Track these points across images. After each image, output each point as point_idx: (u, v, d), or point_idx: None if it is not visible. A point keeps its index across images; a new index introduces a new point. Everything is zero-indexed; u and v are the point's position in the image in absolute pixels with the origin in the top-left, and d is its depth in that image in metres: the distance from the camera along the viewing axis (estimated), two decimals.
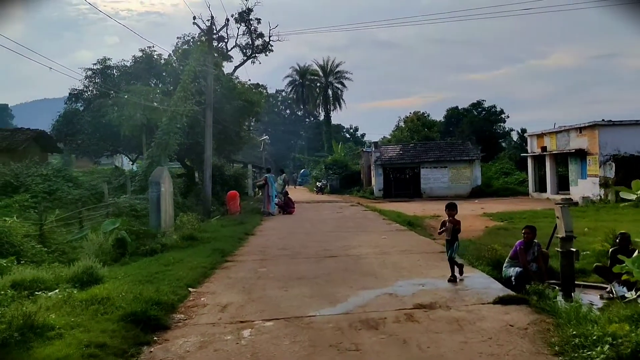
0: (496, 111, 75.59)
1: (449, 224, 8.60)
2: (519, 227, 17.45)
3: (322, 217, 20.92)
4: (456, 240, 8.55)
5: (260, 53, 48.01)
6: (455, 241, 8.52)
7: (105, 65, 28.69)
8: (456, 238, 8.56)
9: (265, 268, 10.02)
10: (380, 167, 40.95)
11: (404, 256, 10.64)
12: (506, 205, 28.76)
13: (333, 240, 13.55)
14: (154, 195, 16.11)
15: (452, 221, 8.61)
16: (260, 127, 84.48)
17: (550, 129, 33.88)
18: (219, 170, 31.62)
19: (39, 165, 24.31)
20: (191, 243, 13.07)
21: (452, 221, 8.61)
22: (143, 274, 9.37)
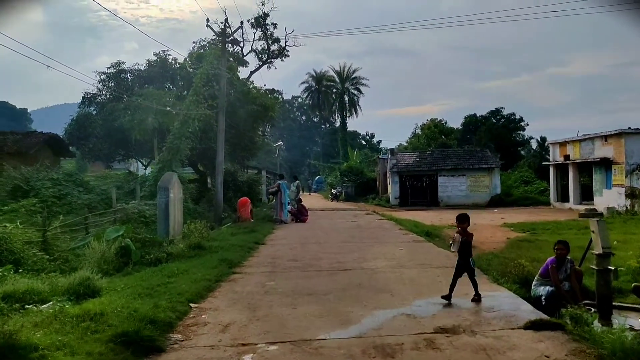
0: (515, 119, 74.47)
1: (457, 234, 7.91)
2: (543, 239, 16.80)
3: (336, 226, 20.23)
4: (470, 257, 7.79)
5: (276, 58, 47.62)
6: (468, 257, 7.77)
7: (119, 69, 28.42)
8: (469, 253, 7.81)
9: (273, 281, 9.38)
10: (396, 174, 40.21)
11: (422, 270, 9.94)
12: (527, 215, 27.86)
13: (347, 251, 12.88)
14: (162, 201, 15.58)
15: (463, 235, 7.85)
16: (276, 133, 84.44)
17: (574, 137, 32.88)
18: (232, 176, 31.11)
19: (50, 169, 23.99)
20: (198, 252, 12.48)
21: (463, 235, 7.85)
22: (144, 286, 8.79)
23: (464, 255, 7.73)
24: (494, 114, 75.45)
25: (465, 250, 7.71)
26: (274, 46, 47.20)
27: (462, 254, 7.75)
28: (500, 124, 71.69)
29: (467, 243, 7.77)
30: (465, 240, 7.76)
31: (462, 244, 7.74)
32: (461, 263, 7.74)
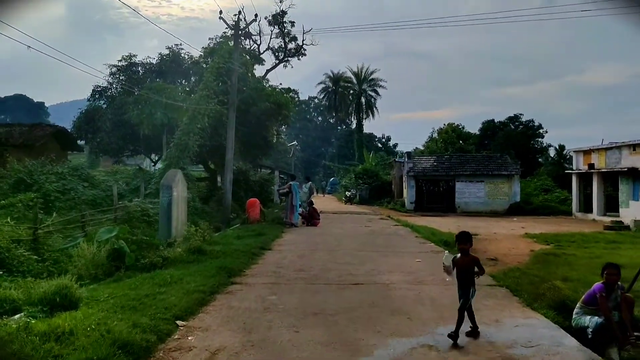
0: (534, 125, 72.91)
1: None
2: (570, 254, 15.55)
3: (348, 232, 19.14)
4: (472, 285, 6.33)
5: (293, 57, 46.66)
6: (471, 286, 6.31)
7: (131, 62, 27.63)
8: (472, 282, 6.34)
9: (275, 296, 8.34)
10: (412, 178, 39.06)
11: (445, 289, 8.80)
12: (549, 225, 26.56)
13: (359, 261, 11.79)
14: (164, 200, 14.69)
15: (465, 260, 6.38)
16: (291, 133, 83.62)
17: (599, 145, 31.46)
18: (244, 175, 30.19)
19: (55, 163, 23.27)
20: (198, 257, 11.48)
21: (465, 260, 6.38)
22: (130, 297, 7.82)
23: (465, 283, 6.29)
24: (513, 120, 73.93)
25: (467, 278, 6.30)
26: (291, 44, 46.33)
27: (463, 282, 6.30)
28: (519, 131, 70.24)
29: (467, 269, 6.34)
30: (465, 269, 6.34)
31: (463, 271, 6.33)
32: (461, 293, 6.30)
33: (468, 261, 6.36)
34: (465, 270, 6.31)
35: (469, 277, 6.30)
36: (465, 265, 6.33)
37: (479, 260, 6.46)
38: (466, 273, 6.31)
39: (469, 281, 6.28)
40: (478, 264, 6.41)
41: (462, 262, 6.36)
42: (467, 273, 6.31)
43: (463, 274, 6.32)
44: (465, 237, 6.47)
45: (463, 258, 6.39)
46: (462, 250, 6.40)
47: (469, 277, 6.30)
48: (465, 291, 6.24)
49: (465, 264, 6.34)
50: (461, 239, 6.46)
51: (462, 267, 6.35)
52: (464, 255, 6.40)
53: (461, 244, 6.43)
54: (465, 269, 6.32)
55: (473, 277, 6.34)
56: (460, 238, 6.48)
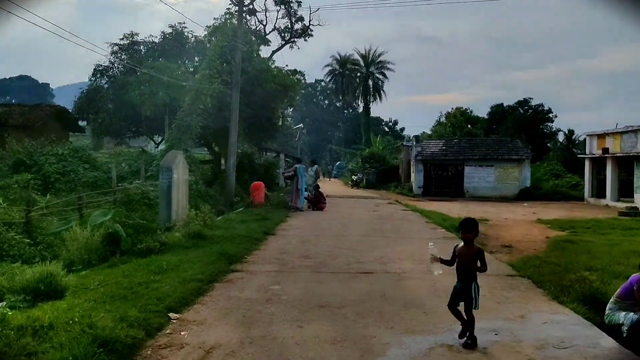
0: (543, 110, 71.84)
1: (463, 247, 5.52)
2: (588, 240, 14.83)
3: (355, 216, 18.51)
4: (473, 281, 5.48)
5: (300, 37, 45.73)
6: (472, 280, 5.48)
7: (132, 40, 26.86)
8: (474, 277, 5.49)
9: (278, 285, 7.73)
10: (420, 162, 38.28)
11: None
12: (561, 210, 25.83)
13: (367, 247, 11.17)
14: (164, 183, 14.05)
15: (467, 250, 5.49)
16: (298, 116, 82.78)
17: (614, 129, 30.54)
18: (249, 158, 29.56)
19: (56, 144, 22.69)
20: (197, 242, 10.89)
21: (467, 250, 5.49)
22: (121, 285, 7.25)
23: (467, 276, 5.48)
24: (522, 105, 72.84)
25: (468, 271, 5.47)
26: (297, 25, 45.41)
27: (464, 274, 5.49)
28: (528, 115, 69.28)
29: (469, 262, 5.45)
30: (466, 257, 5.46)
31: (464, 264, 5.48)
32: (459, 288, 5.51)
33: (471, 253, 5.47)
34: (467, 262, 5.46)
35: (470, 271, 5.46)
36: (467, 257, 5.46)
37: (484, 254, 5.53)
38: (467, 266, 5.47)
39: (470, 275, 5.45)
40: (482, 258, 5.45)
41: (465, 253, 5.47)
42: (469, 266, 5.47)
43: (464, 266, 5.48)
44: (471, 225, 5.58)
45: (466, 248, 5.50)
46: (466, 239, 5.54)
47: (471, 271, 5.46)
48: (466, 285, 5.43)
49: (467, 255, 5.46)
50: (465, 227, 5.60)
51: (464, 258, 5.47)
52: (467, 246, 5.52)
53: (465, 232, 5.56)
54: (466, 261, 5.46)
55: (475, 272, 5.46)
56: (465, 225, 5.62)
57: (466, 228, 5.58)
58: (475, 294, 5.42)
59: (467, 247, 5.49)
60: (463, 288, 5.45)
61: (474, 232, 5.56)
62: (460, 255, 5.49)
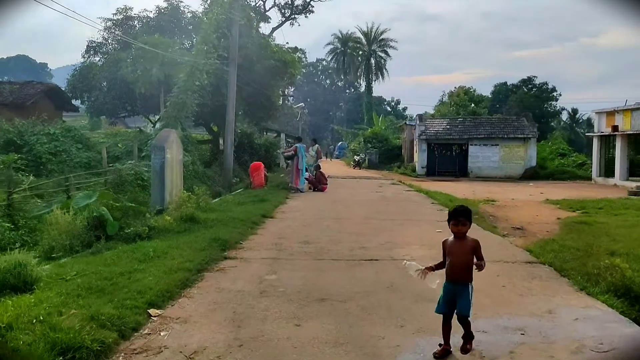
0: (547, 89, 70.92)
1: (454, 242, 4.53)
2: (602, 222, 14.00)
3: (358, 197, 17.76)
4: (470, 282, 4.48)
5: (300, 14, 44.65)
6: (468, 283, 4.46)
7: (126, 15, 25.89)
8: (470, 277, 4.48)
9: (275, 274, 7.00)
10: (424, 142, 37.46)
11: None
12: (568, 190, 25.08)
13: (372, 231, 10.43)
14: (157, 163, 13.33)
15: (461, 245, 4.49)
16: (299, 96, 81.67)
17: (624, 106, 29.61)
18: (248, 138, 28.83)
19: (47, 122, 21.93)
20: (190, 227, 10.17)
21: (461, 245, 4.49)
22: (101, 275, 6.55)
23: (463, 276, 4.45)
24: (526, 83, 71.92)
25: (463, 271, 4.44)
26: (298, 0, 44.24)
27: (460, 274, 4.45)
28: (532, 94, 68.43)
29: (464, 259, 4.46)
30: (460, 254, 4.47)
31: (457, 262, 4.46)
32: (453, 290, 4.46)
33: (467, 247, 4.47)
34: (464, 259, 4.44)
35: (467, 270, 4.44)
36: (463, 253, 4.45)
37: (480, 246, 4.51)
38: (464, 264, 4.43)
39: (466, 275, 4.43)
40: (478, 251, 4.47)
41: (458, 249, 4.46)
42: (466, 264, 4.44)
43: (459, 265, 4.43)
44: (465, 215, 4.49)
45: (459, 242, 4.49)
46: (459, 233, 4.49)
47: (468, 269, 4.44)
48: (462, 287, 4.39)
49: (462, 251, 4.46)
50: (457, 218, 4.48)
51: (459, 255, 4.45)
52: (459, 240, 4.50)
53: (458, 225, 4.47)
54: (462, 258, 4.44)
55: (471, 271, 4.46)
56: (456, 216, 4.50)
57: (458, 217, 4.48)
58: (470, 293, 4.45)
59: (460, 242, 4.50)
60: (458, 291, 4.40)
61: (468, 224, 4.51)
62: (452, 252, 4.49)
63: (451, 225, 4.53)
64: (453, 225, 4.50)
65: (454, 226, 4.50)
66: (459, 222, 4.46)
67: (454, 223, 4.50)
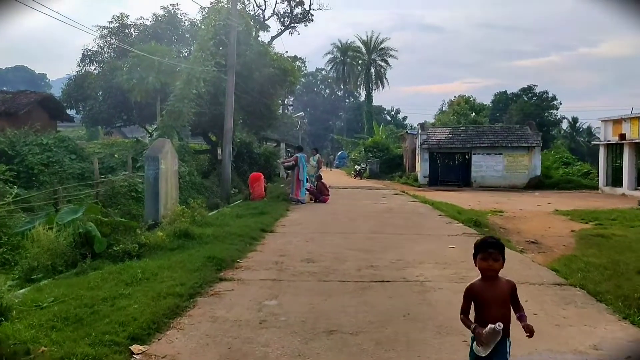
0: (548, 97, 70.56)
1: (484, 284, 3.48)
2: (620, 235, 13.28)
3: (362, 209, 17.03)
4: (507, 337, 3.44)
5: (300, 23, 44.21)
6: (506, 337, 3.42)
7: (122, 23, 25.30)
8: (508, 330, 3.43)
9: (275, 300, 6.27)
10: (426, 151, 36.80)
11: None
12: (576, 200, 24.41)
13: (380, 247, 9.70)
14: (150, 174, 12.65)
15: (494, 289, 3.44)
16: (299, 106, 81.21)
17: (632, 114, 28.99)
18: (247, 148, 28.16)
19: (40, 132, 21.27)
20: (183, 243, 9.43)
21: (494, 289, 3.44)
22: (82, 302, 5.84)
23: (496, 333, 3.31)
24: (526, 92, 71.56)
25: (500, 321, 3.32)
26: (297, 9, 43.80)
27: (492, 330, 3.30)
28: (532, 102, 68.11)
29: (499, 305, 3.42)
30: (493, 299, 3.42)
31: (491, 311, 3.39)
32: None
33: (502, 292, 3.43)
34: (498, 313, 3.37)
35: (502, 321, 3.31)
36: (497, 300, 3.41)
37: (516, 290, 3.51)
38: (499, 318, 3.32)
39: (504, 328, 3.32)
40: (515, 298, 3.49)
41: (491, 297, 3.41)
42: (501, 318, 3.33)
43: (493, 320, 3.31)
44: (495, 247, 3.47)
45: (490, 286, 3.44)
46: (489, 271, 3.43)
47: (503, 319, 3.34)
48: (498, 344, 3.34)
49: (497, 297, 3.42)
50: (488, 251, 3.44)
51: (492, 303, 3.40)
52: (490, 282, 3.45)
53: (487, 259, 3.43)
54: (496, 311, 3.37)
55: (508, 321, 3.41)
56: (485, 246, 3.48)
57: (488, 252, 3.44)
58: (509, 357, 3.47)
59: (491, 285, 3.44)
60: (492, 352, 3.35)
61: (501, 260, 3.46)
62: (485, 302, 3.42)
63: (479, 260, 3.48)
64: (482, 260, 3.46)
65: (482, 261, 3.45)
66: (489, 255, 3.42)
67: (482, 257, 3.45)
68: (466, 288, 3.55)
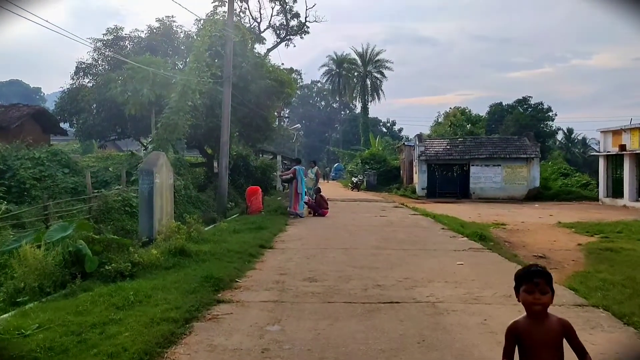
0: (543, 109, 70.63)
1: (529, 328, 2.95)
2: (630, 248, 13.00)
3: (362, 223, 16.61)
4: None
5: (295, 35, 44.13)
6: None
7: (117, 35, 24.96)
8: None
9: (278, 324, 5.82)
10: (424, 163, 36.51)
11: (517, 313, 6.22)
12: (578, 212, 24.11)
13: (385, 264, 9.27)
14: (144, 188, 12.23)
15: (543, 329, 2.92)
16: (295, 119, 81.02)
17: (631, 125, 28.78)
18: (244, 161, 27.76)
19: (33, 146, 20.84)
20: (179, 261, 8.99)
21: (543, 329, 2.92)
22: (69, 329, 5.42)
23: None
24: (521, 103, 71.62)
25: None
26: (293, 21, 43.72)
27: None
28: (528, 114, 68.19)
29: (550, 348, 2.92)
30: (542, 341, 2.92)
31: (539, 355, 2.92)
32: None
33: (551, 332, 2.93)
34: (546, 352, 2.91)
35: None
36: (545, 342, 2.92)
37: (574, 331, 2.99)
38: (547, 358, 2.90)
39: None
40: (574, 337, 2.96)
41: (540, 338, 2.92)
42: (550, 358, 2.91)
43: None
44: (542, 276, 2.95)
45: (539, 326, 2.93)
46: (535, 303, 2.92)
47: None
48: None
49: (545, 341, 2.92)
50: (532, 277, 2.94)
51: (539, 344, 2.91)
52: (537, 320, 2.95)
53: (532, 291, 2.92)
54: (545, 351, 2.91)
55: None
56: (530, 275, 2.96)
57: (534, 282, 2.92)
58: None
59: (540, 324, 2.93)
60: None
61: (550, 293, 2.95)
62: (531, 341, 2.92)
63: (523, 293, 2.96)
64: (526, 293, 2.94)
65: (527, 294, 2.93)
66: (535, 287, 2.90)
67: (527, 289, 2.93)
68: (508, 327, 3.04)
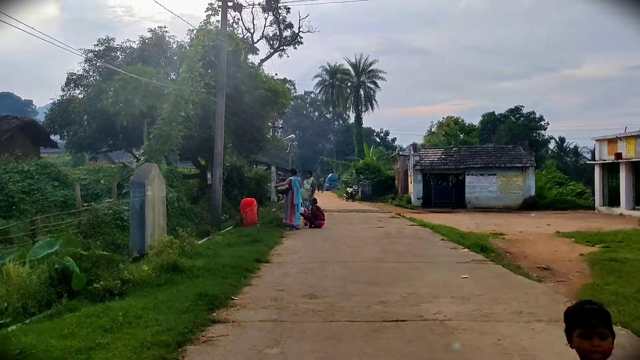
0: (535, 118, 70.77)
1: None
2: (634, 259, 12.72)
3: (360, 234, 16.25)
4: None
5: (289, 45, 43.91)
6: None
7: (108, 46, 24.61)
8: None
9: (278, 347, 5.44)
10: (419, 172, 36.24)
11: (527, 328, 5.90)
12: (575, 221, 23.87)
13: (387, 279, 8.90)
14: (136, 201, 11.86)
15: None
16: (288, 129, 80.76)
17: (627, 133, 28.66)
18: (238, 172, 27.42)
19: (23, 159, 20.42)
20: (171, 277, 8.58)
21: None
22: (52, 356, 5.09)
23: None
24: (513, 112, 71.73)
25: None
26: (286, 32, 43.50)
27: None
28: (520, 123, 68.33)
29: None
30: None
31: None
32: None
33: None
34: None
35: None
36: None
37: None
38: None
39: None
40: None
41: None
42: None
43: None
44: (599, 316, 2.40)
45: None
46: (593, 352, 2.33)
47: None
48: None
49: None
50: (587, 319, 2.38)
51: None
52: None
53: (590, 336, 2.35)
54: None
55: None
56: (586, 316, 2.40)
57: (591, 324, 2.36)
58: None
59: None
60: None
61: (610, 337, 2.38)
62: None
63: (577, 338, 2.39)
64: (582, 339, 2.37)
65: (584, 340, 2.36)
66: (592, 331, 2.35)
67: (583, 333, 2.37)
68: None
